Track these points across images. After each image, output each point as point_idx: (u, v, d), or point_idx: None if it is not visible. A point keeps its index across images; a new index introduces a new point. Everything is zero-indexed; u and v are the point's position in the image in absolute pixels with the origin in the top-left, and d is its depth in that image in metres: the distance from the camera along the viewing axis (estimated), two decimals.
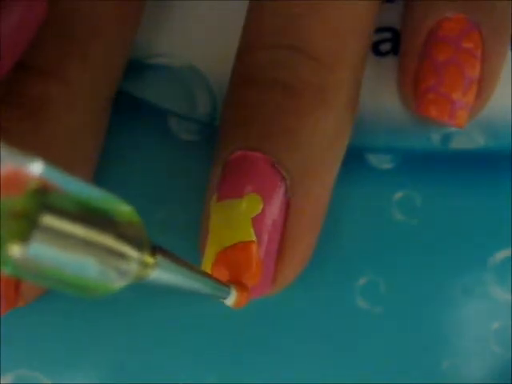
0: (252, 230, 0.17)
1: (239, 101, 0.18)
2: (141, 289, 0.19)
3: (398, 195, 0.20)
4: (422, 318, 0.19)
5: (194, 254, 0.19)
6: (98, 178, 0.20)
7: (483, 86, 0.19)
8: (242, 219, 0.17)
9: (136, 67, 0.20)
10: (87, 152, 0.19)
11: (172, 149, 0.20)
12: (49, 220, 0.10)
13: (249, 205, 0.17)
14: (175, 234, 0.20)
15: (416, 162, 0.20)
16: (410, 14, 0.20)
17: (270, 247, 0.17)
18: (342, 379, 0.19)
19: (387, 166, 0.20)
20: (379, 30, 0.21)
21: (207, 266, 0.17)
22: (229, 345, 0.19)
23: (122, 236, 0.12)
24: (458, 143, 0.20)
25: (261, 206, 0.17)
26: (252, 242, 0.17)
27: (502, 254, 0.20)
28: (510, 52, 0.21)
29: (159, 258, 0.12)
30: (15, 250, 0.10)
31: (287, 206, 0.17)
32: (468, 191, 0.20)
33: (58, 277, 0.11)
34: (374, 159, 0.20)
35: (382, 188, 0.20)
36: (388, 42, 0.21)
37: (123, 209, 0.12)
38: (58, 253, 0.11)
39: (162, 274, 0.13)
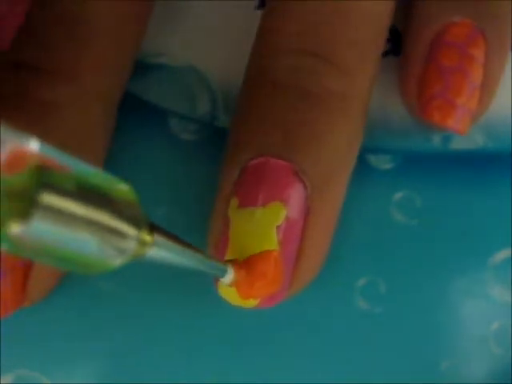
0: (276, 239, 0.17)
1: (260, 104, 0.18)
2: (141, 289, 0.19)
3: (398, 195, 0.20)
4: (422, 318, 0.19)
5: None
6: None
7: (485, 91, 0.19)
8: (267, 228, 0.17)
9: (137, 67, 0.20)
10: (97, 154, 0.19)
11: (172, 148, 0.20)
12: (48, 198, 0.11)
13: (273, 213, 0.17)
14: (177, 232, 0.20)
15: (416, 162, 0.20)
16: (415, 16, 0.20)
17: (290, 254, 0.17)
18: (342, 379, 0.19)
19: (387, 166, 0.20)
20: None
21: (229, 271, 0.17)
22: (228, 345, 0.19)
23: (119, 214, 0.12)
24: (458, 144, 0.20)
25: (284, 215, 0.17)
26: (275, 250, 0.17)
27: (502, 254, 0.20)
28: (509, 52, 0.21)
29: (156, 236, 0.13)
30: (14, 228, 0.10)
31: (307, 213, 0.17)
32: (468, 191, 0.20)
33: (57, 254, 0.11)
34: (373, 159, 0.20)
35: (381, 188, 0.20)
36: (387, 43, 0.21)
37: (120, 187, 0.12)
38: (57, 231, 0.11)
39: (160, 251, 0.13)
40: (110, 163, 0.20)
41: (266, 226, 0.17)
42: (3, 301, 0.18)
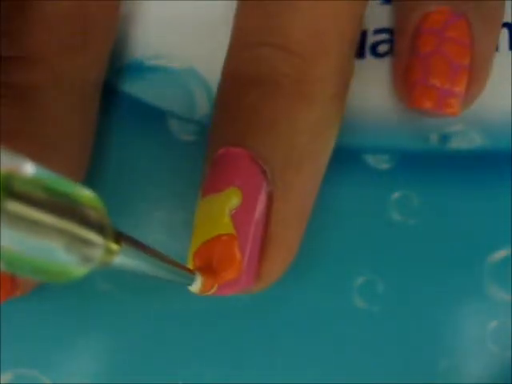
0: (230, 223, 0.17)
1: (222, 99, 0.18)
2: (139, 289, 0.20)
3: (396, 195, 0.20)
4: (420, 318, 0.19)
5: None
6: (98, 178, 0.20)
7: (474, 73, 0.19)
8: (219, 212, 0.17)
9: (136, 68, 0.21)
10: (77, 140, 0.19)
11: (172, 149, 0.21)
12: (14, 206, 0.10)
13: (227, 198, 0.17)
14: (174, 234, 0.20)
15: (414, 162, 0.20)
16: (397, 13, 0.20)
17: (252, 241, 0.17)
18: (340, 379, 0.19)
19: (385, 166, 0.20)
20: (377, 31, 0.21)
21: (190, 260, 0.17)
22: (228, 345, 0.19)
23: (86, 222, 0.11)
24: (456, 143, 0.20)
25: (240, 199, 0.17)
26: (230, 234, 0.17)
27: (500, 254, 0.19)
28: (509, 52, 0.21)
29: (123, 244, 0.12)
30: None
31: (269, 200, 0.17)
32: (466, 191, 0.20)
33: (23, 262, 0.11)
34: (371, 159, 0.20)
35: (379, 188, 0.20)
36: (386, 44, 0.21)
37: (85, 194, 0.12)
38: (24, 239, 0.11)
39: (126, 260, 0.13)
40: (109, 164, 0.20)
41: (218, 210, 0.17)
42: None
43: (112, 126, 0.21)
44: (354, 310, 0.19)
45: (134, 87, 0.21)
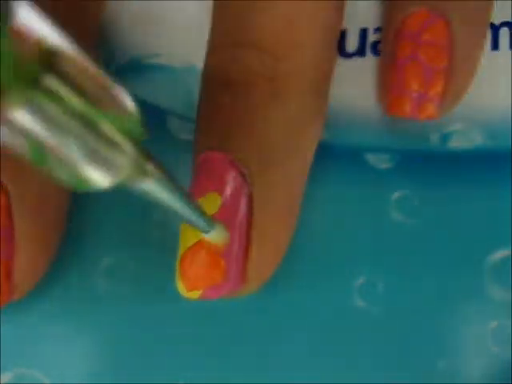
0: None
1: (200, 103, 0.18)
2: (139, 289, 0.20)
3: (396, 195, 0.20)
4: (420, 318, 0.19)
5: None
6: None
7: (454, 75, 0.19)
8: None
9: (135, 67, 0.20)
10: None
11: (171, 148, 0.20)
12: (50, 82, 0.10)
13: (208, 203, 0.17)
14: (174, 234, 0.20)
15: (414, 161, 0.20)
16: (384, 14, 0.20)
17: (235, 244, 0.17)
18: (340, 378, 0.19)
19: (385, 165, 0.20)
20: (378, 29, 0.21)
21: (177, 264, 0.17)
22: (228, 345, 0.19)
23: (121, 125, 0.10)
24: (457, 143, 0.20)
25: (218, 204, 0.17)
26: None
27: (500, 254, 0.19)
28: (510, 51, 0.21)
29: (154, 167, 0.12)
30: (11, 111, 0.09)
31: (250, 201, 0.17)
32: (466, 191, 0.20)
33: (41, 150, 0.10)
34: (372, 159, 0.20)
35: (380, 188, 0.20)
36: None
37: (129, 103, 0.11)
38: (48, 121, 0.10)
39: (154, 184, 0.12)
40: None
41: None
42: None
43: None
44: (354, 310, 0.19)
45: (132, 86, 0.21)
